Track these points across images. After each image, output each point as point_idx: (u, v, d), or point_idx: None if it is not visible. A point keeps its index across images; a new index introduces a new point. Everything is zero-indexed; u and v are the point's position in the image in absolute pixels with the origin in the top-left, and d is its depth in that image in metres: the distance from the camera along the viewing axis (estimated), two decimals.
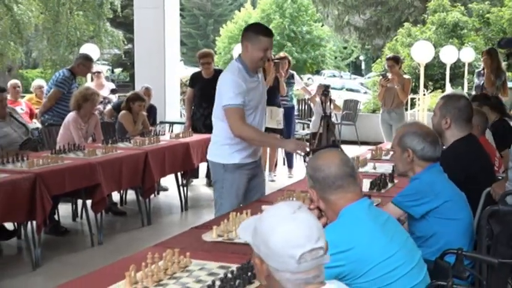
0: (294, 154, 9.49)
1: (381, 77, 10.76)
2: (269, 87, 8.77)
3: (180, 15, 12.52)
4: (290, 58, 10.21)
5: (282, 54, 10.24)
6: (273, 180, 9.38)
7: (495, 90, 9.33)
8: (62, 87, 7.85)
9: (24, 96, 12.29)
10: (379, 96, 10.27)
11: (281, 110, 9.22)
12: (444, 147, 4.05)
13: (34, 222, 5.71)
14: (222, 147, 4.60)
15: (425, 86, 15.35)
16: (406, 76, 10.31)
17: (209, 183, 8.67)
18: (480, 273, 3.25)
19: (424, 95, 14.61)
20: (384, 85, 9.82)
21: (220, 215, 4.17)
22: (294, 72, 10.30)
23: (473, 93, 10.15)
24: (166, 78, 11.62)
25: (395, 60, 9.94)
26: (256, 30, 4.57)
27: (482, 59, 10.20)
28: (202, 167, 8.63)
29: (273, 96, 8.97)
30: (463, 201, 3.54)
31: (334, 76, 34.89)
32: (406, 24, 19.79)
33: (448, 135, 4.11)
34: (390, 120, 9.81)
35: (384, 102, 9.99)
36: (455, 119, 4.10)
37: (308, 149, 4.44)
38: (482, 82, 9.67)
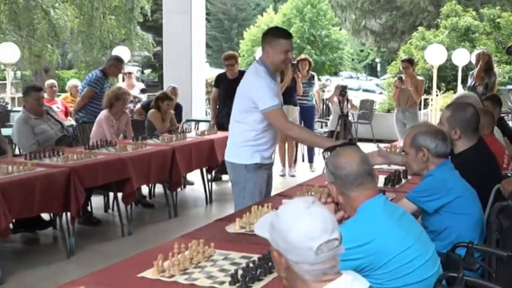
0: (315, 148, 9.54)
1: (396, 78, 10.75)
2: (286, 87, 8.87)
3: (206, 19, 12.54)
4: (311, 60, 10.22)
5: (302, 56, 10.27)
6: (293, 176, 9.39)
7: (484, 89, 9.27)
8: (94, 87, 7.89)
9: (60, 95, 12.39)
10: (394, 96, 10.27)
11: (297, 109, 9.26)
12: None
13: (69, 213, 5.75)
14: (243, 149, 4.44)
15: (438, 87, 15.29)
16: (420, 77, 10.26)
17: (215, 177, 8.72)
18: (490, 265, 3.23)
19: (437, 95, 14.54)
20: (398, 86, 9.81)
21: (242, 205, 4.18)
22: (315, 74, 10.32)
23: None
24: (193, 78, 11.64)
25: (410, 62, 9.93)
26: (275, 34, 4.45)
27: (475, 59, 10.16)
28: None
29: (289, 96, 9.05)
30: (473, 197, 3.52)
31: (351, 77, 34.70)
32: (420, 28, 19.66)
33: (459, 145, 4.03)
34: (404, 119, 9.80)
35: (398, 102, 9.99)
36: (464, 131, 4.02)
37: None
38: (473, 83, 9.59)
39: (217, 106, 8.96)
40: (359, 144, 4.08)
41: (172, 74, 11.45)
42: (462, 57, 15.59)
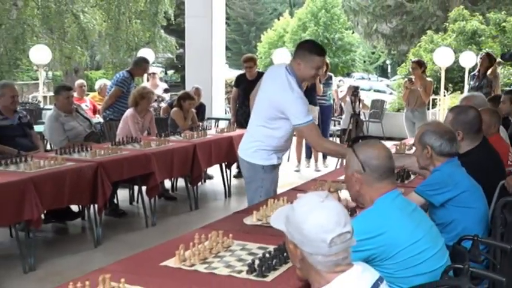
0: None
1: (406, 79, 10.72)
2: (306, 87, 8.87)
3: (226, 23, 12.54)
4: (328, 62, 10.23)
5: None
6: (297, 170, 9.41)
7: (489, 89, 9.22)
8: (121, 87, 7.93)
9: (88, 94, 12.45)
10: (404, 97, 10.23)
11: (317, 108, 9.25)
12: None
13: (96, 205, 5.78)
14: (262, 151, 4.31)
15: (446, 88, 15.23)
16: (428, 79, 10.18)
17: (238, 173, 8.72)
18: (494, 257, 3.21)
19: (445, 96, 14.49)
20: (408, 87, 9.80)
21: (258, 202, 4.16)
22: (332, 75, 10.34)
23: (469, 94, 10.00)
24: (213, 79, 11.65)
25: (419, 63, 9.90)
26: (310, 49, 4.19)
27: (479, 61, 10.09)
28: None
29: (310, 96, 9.01)
30: (479, 192, 3.50)
31: (363, 78, 34.58)
32: (428, 32, 19.59)
33: (463, 146, 4.00)
34: (413, 118, 9.77)
35: (407, 102, 9.97)
36: (467, 133, 4.02)
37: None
38: (477, 84, 9.44)
39: (237, 105, 8.97)
40: (373, 140, 4.05)
41: (193, 74, 11.47)
42: (469, 59, 15.50)
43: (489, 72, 9.83)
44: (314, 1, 33.12)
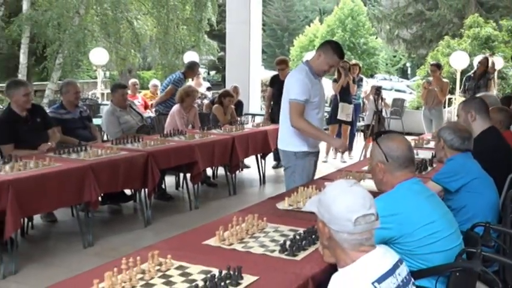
0: (355, 139, 9.49)
1: (424, 81, 10.61)
2: (341, 87, 8.94)
3: (262, 29, 12.53)
4: (360, 65, 10.20)
5: (354, 61, 10.26)
6: (325, 161, 9.36)
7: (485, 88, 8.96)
8: (177, 86, 8.04)
9: (140, 92, 12.59)
10: (422, 96, 10.14)
11: (351, 106, 9.26)
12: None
13: (146, 190, 5.83)
14: (293, 138, 4.33)
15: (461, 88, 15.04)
16: (445, 80, 10.03)
17: (277, 165, 8.72)
18: (504, 243, 3.17)
19: (460, 95, 14.29)
20: (426, 87, 9.70)
21: (292, 188, 4.15)
22: (363, 77, 10.31)
23: (464, 94, 9.69)
24: (250, 79, 11.65)
25: (437, 66, 9.79)
26: (334, 49, 4.27)
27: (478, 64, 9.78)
28: None
29: (345, 95, 9.14)
30: (489, 181, 3.47)
31: (385, 79, 34.13)
32: (446, 37, 19.30)
33: (475, 127, 4.04)
34: (430, 116, 9.68)
35: (425, 101, 9.88)
36: (479, 111, 4.07)
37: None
38: (473, 84, 9.15)
39: (271, 103, 8.97)
40: (395, 134, 4.01)
41: (233, 75, 11.49)
42: None
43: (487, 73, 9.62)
44: (342, 9, 32.89)
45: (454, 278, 2.45)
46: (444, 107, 15.24)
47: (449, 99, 14.83)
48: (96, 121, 7.30)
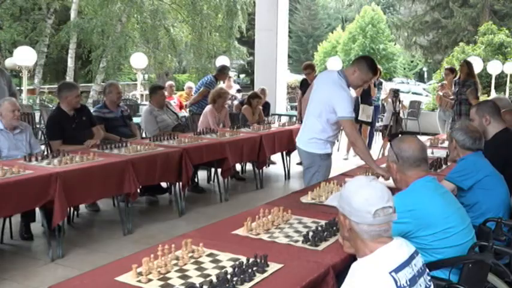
0: (374, 139, 9.33)
1: (439, 84, 10.45)
2: (363, 90, 8.86)
3: (288, 35, 12.49)
4: (381, 69, 10.08)
5: None
6: (346, 158, 9.27)
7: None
8: (209, 87, 8.05)
9: (176, 93, 12.66)
10: (437, 98, 9.95)
11: (371, 108, 9.18)
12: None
13: (180, 183, 5.85)
14: (319, 141, 4.21)
15: None
16: None
17: (301, 162, 8.67)
18: None
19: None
20: (439, 91, 9.54)
21: (313, 184, 4.13)
22: (383, 80, 10.20)
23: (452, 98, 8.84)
24: (277, 82, 11.63)
25: (450, 70, 9.62)
26: (369, 65, 4.12)
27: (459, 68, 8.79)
28: None
29: (366, 97, 9.07)
30: (500, 178, 3.41)
31: (403, 82, 33.70)
32: (461, 43, 18.99)
33: (490, 130, 3.98)
34: (444, 117, 9.51)
35: (440, 103, 9.68)
36: (492, 114, 4.00)
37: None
38: (457, 89, 8.21)
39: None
40: (408, 135, 3.95)
41: (261, 78, 11.49)
42: (495, 67, 15.16)
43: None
44: (363, 17, 32.61)
45: (466, 269, 2.42)
46: None
47: None
48: (135, 120, 7.36)
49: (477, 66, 14.32)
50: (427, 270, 1.94)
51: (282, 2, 11.30)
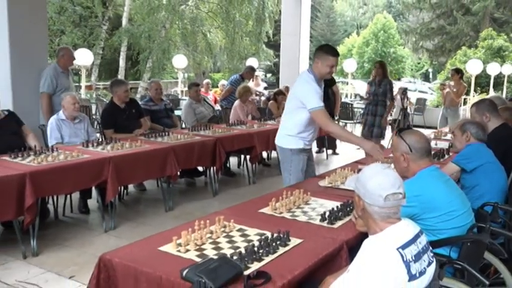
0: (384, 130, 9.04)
1: (440, 83, 10.22)
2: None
3: (310, 40, 12.37)
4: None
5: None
6: (359, 149, 9.13)
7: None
8: (234, 86, 8.02)
9: (211, 90, 12.71)
10: (442, 96, 9.70)
11: None
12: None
13: (214, 167, 5.87)
14: (290, 137, 3.84)
15: (475, 90, 14.58)
16: (463, 84, 9.23)
17: (319, 150, 8.61)
18: (510, 220, 3.05)
19: (474, 96, 13.88)
20: (441, 90, 9.27)
21: (330, 170, 4.07)
22: (392, 80, 10.00)
23: (366, 97, 7.84)
24: None
25: (456, 71, 9.28)
26: (326, 50, 3.75)
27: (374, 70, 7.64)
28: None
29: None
30: (500, 167, 3.36)
31: (410, 82, 32.99)
32: (463, 47, 18.63)
33: (490, 125, 3.89)
34: (447, 114, 9.13)
35: (443, 101, 9.43)
36: (491, 112, 3.92)
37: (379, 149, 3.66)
38: (373, 90, 7.27)
39: None
40: (414, 129, 3.87)
41: (285, 77, 11.39)
42: (494, 69, 14.83)
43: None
44: (375, 24, 32.09)
45: (465, 247, 2.38)
46: (460, 106, 14.73)
47: (465, 99, 14.39)
48: (176, 112, 7.41)
49: (478, 68, 14.02)
50: (431, 247, 1.91)
51: (305, 11, 11.18)
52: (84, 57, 12.15)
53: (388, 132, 10.71)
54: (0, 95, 4.56)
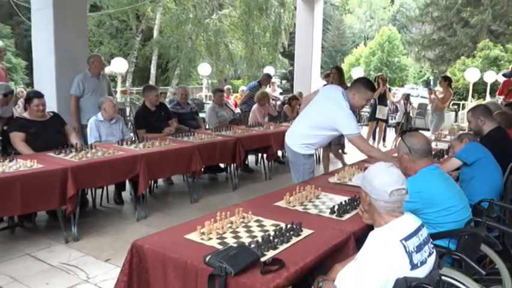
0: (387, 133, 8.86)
1: (427, 89, 9.99)
2: (380, 94, 8.62)
3: (321, 50, 12.31)
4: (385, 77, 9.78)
5: (380, 73, 9.83)
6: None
7: None
8: (252, 91, 8.01)
9: (232, 95, 12.73)
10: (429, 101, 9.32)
11: (386, 108, 8.94)
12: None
13: (235, 164, 5.86)
14: (305, 145, 3.66)
15: (473, 96, 14.29)
16: (450, 91, 8.54)
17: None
18: (504, 215, 2.99)
19: (471, 101, 13.62)
20: (429, 94, 8.92)
21: (339, 168, 4.04)
22: (390, 87, 9.91)
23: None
24: (311, 87, 11.45)
25: (444, 78, 8.74)
26: (366, 85, 3.52)
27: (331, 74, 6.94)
28: None
29: (382, 100, 8.82)
30: (495, 163, 3.32)
31: (413, 88, 32.58)
32: (462, 57, 18.35)
33: (485, 128, 3.81)
34: (433, 118, 8.66)
35: (431, 106, 9.02)
36: (486, 115, 3.84)
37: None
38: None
39: None
40: (417, 132, 3.80)
41: (299, 83, 11.36)
42: (490, 77, 14.56)
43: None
44: (381, 35, 31.75)
45: (463, 240, 2.34)
46: (459, 110, 14.49)
47: (463, 104, 14.16)
48: (201, 115, 7.42)
49: (475, 76, 13.78)
50: (431, 239, 1.88)
51: (317, 24, 11.14)
52: (119, 65, 12.30)
53: (392, 133, 10.62)
54: (46, 98, 4.63)
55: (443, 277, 1.98)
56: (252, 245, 2.08)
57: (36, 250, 3.75)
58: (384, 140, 9.70)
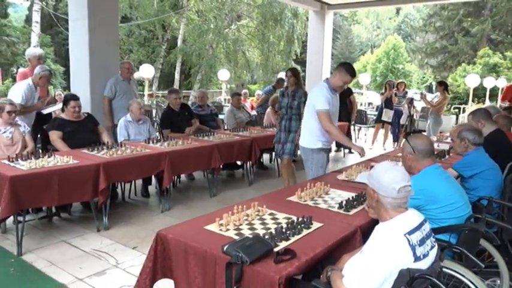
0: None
1: (421, 92, 9.78)
2: (386, 98, 8.49)
3: (331, 58, 12.23)
4: (406, 83, 9.61)
5: (400, 80, 9.66)
6: (371, 148, 8.93)
7: None
8: (268, 95, 7.99)
9: (249, 98, 12.72)
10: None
11: (391, 111, 8.80)
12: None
13: (250, 162, 5.85)
14: (310, 138, 3.75)
15: (473, 100, 14.02)
16: (446, 95, 8.36)
17: (337, 149, 8.48)
18: (503, 212, 2.91)
19: (471, 106, 13.36)
20: (422, 98, 8.71)
21: (347, 166, 4.00)
22: (408, 90, 9.76)
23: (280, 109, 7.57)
24: None
25: (439, 83, 8.55)
26: (348, 69, 3.62)
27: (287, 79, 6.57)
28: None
29: (388, 103, 8.72)
30: (497, 169, 3.17)
31: (416, 93, 32.28)
32: (463, 64, 18.03)
33: (484, 130, 3.71)
34: (430, 121, 8.54)
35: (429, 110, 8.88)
36: (485, 119, 3.75)
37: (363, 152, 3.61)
38: (287, 102, 6.00)
39: None
40: (421, 134, 3.73)
41: (310, 88, 11.28)
42: (490, 82, 14.28)
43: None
44: (387, 44, 31.43)
45: (463, 235, 2.30)
46: (459, 114, 14.23)
47: (464, 108, 13.90)
48: (220, 116, 7.44)
49: (475, 82, 13.52)
50: (433, 234, 1.85)
51: (327, 33, 11.07)
52: (147, 71, 12.41)
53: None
54: (82, 101, 4.70)
55: (444, 269, 1.95)
56: (266, 236, 2.07)
57: (71, 237, 3.81)
58: (397, 140, 9.44)
